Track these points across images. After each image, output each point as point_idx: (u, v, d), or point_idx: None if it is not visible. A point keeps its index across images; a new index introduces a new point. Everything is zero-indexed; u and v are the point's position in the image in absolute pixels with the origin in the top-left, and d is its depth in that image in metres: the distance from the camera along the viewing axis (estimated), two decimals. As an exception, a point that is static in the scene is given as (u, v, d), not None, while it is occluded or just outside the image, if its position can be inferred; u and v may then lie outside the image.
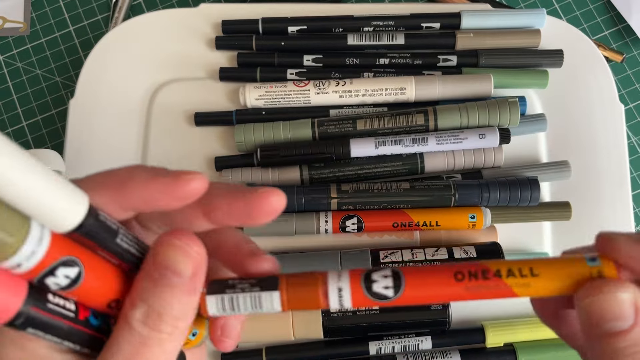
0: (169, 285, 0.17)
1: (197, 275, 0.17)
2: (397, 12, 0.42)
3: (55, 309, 0.17)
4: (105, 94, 0.42)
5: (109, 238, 0.17)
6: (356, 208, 0.37)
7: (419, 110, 0.39)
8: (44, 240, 0.15)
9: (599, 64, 0.41)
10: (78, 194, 0.16)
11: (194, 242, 0.17)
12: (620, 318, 0.17)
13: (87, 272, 0.17)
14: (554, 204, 0.39)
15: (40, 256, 0.15)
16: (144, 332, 0.17)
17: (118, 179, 0.18)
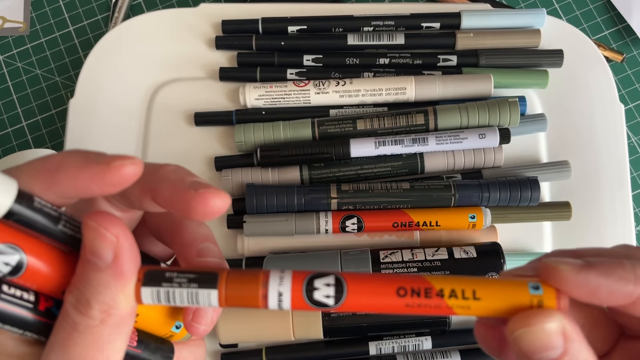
0: (94, 268, 0.17)
1: (120, 258, 0.17)
2: (397, 12, 0.42)
3: (10, 299, 0.17)
4: (105, 94, 0.42)
5: (49, 225, 0.17)
6: (356, 208, 0.37)
7: (419, 110, 0.39)
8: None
9: (599, 64, 0.41)
10: (6, 180, 0.16)
11: (111, 224, 0.17)
12: (549, 348, 0.17)
13: (33, 259, 0.17)
14: (554, 204, 0.39)
15: None
16: (75, 317, 0.17)
17: (50, 167, 0.17)
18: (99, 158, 0.17)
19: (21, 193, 0.16)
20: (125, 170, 0.17)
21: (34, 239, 0.17)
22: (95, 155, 0.17)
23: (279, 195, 0.37)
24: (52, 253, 0.18)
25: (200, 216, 0.17)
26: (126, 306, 0.17)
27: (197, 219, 0.18)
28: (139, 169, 0.17)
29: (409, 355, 0.36)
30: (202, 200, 0.17)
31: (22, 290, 0.17)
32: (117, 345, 0.17)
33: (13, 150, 0.44)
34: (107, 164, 0.17)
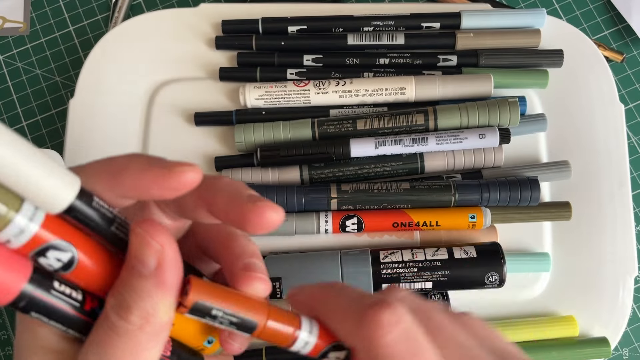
0: (137, 275, 0.17)
1: (163, 268, 0.17)
2: (397, 12, 0.42)
3: (59, 296, 0.17)
4: (105, 94, 0.42)
5: (103, 225, 0.17)
6: (356, 208, 0.37)
7: (419, 110, 0.39)
8: (35, 220, 0.16)
9: (599, 64, 0.41)
10: (70, 176, 0.16)
11: (158, 232, 0.17)
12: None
13: (84, 258, 0.17)
14: (554, 204, 0.39)
15: (29, 235, 0.16)
16: (115, 320, 0.17)
17: (114, 168, 0.18)
18: (162, 163, 0.18)
19: (82, 190, 0.17)
20: (186, 176, 0.17)
21: (87, 238, 0.17)
22: (157, 160, 0.18)
23: (279, 195, 0.37)
24: (102, 253, 0.18)
25: (256, 228, 0.18)
26: (165, 316, 0.17)
27: (252, 231, 0.18)
28: (199, 176, 0.18)
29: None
30: (259, 212, 0.18)
31: (72, 288, 0.18)
32: (153, 352, 0.18)
33: (13, 150, 0.44)
34: (169, 169, 0.17)
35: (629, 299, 0.38)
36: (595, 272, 0.39)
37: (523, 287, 0.39)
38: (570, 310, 0.39)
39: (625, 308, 0.38)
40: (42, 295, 0.17)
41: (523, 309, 0.39)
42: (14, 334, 0.41)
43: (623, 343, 0.40)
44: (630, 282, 0.39)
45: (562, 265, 0.39)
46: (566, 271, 0.39)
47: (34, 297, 0.16)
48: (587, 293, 0.39)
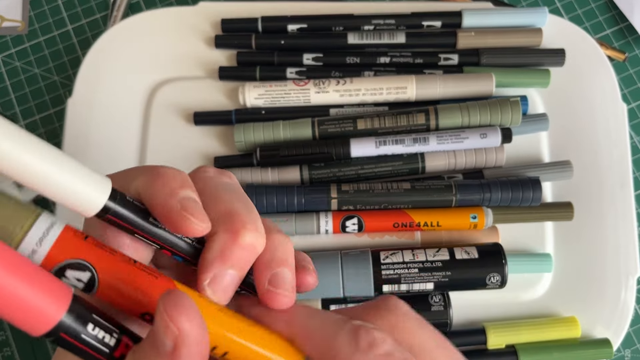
0: (154, 351, 0.16)
1: (179, 352, 0.16)
2: (398, 11, 0.41)
3: (90, 341, 0.16)
4: (103, 93, 0.41)
5: (140, 220, 0.17)
6: (356, 208, 0.37)
7: (420, 110, 0.38)
8: (48, 239, 0.15)
9: (601, 63, 0.41)
10: (99, 178, 0.16)
11: (178, 313, 0.16)
12: None
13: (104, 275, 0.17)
14: (556, 204, 0.39)
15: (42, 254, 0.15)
16: None
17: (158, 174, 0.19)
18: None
19: (114, 191, 0.17)
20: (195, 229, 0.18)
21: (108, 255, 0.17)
22: None
23: (279, 195, 0.37)
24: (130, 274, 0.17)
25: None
26: None
27: None
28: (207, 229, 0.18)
29: (410, 356, 0.36)
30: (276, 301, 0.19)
31: (105, 332, 0.17)
32: None
33: (11, 149, 0.44)
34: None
35: (632, 299, 0.38)
36: (598, 272, 0.39)
37: (525, 288, 0.39)
38: (572, 311, 0.38)
39: (628, 309, 0.38)
40: (71, 339, 0.16)
41: (525, 310, 0.39)
42: (12, 335, 0.41)
43: (625, 344, 0.40)
44: (633, 283, 0.38)
45: (564, 266, 0.39)
46: (568, 272, 0.39)
47: (62, 339, 0.16)
48: (589, 294, 0.39)
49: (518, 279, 0.38)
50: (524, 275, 0.38)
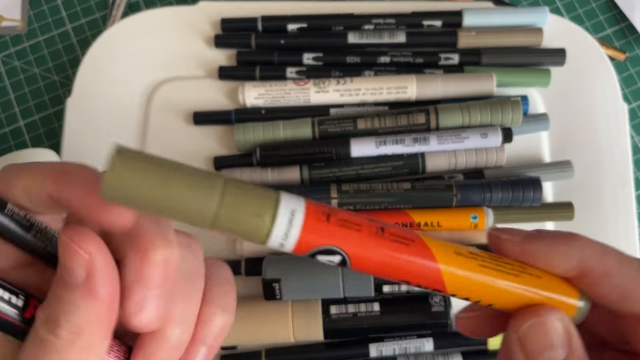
0: (65, 286, 0.16)
1: (93, 278, 0.16)
2: (399, 10, 0.41)
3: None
4: (103, 92, 0.41)
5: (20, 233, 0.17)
6: (357, 208, 0.37)
7: (420, 110, 0.38)
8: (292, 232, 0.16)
9: (602, 63, 0.41)
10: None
11: (85, 240, 0.16)
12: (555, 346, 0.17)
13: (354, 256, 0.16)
14: (556, 204, 0.39)
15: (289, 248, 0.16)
16: (44, 335, 0.16)
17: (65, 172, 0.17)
18: None
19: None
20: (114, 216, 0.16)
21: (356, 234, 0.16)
22: None
23: (279, 196, 0.37)
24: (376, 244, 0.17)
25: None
26: (97, 329, 0.16)
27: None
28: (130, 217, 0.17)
29: (410, 357, 0.36)
30: None
31: (11, 293, 0.17)
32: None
33: (10, 149, 0.44)
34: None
35: (632, 300, 0.38)
36: (598, 272, 0.39)
37: (525, 288, 0.39)
38: (573, 311, 0.38)
39: (629, 309, 0.38)
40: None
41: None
42: None
43: (626, 344, 0.40)
44: (634, 283, 0.38)
45: (565, 266, 0.39)
46: (569, 272, 0.39)
47: None
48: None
49: (518, 279, 0.38)
50: (524, 276, 0.38)
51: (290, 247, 0.16)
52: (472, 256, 0.17)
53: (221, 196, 0.15)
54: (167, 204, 0.15)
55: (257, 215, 0.15)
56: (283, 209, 0.15)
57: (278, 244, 0.15)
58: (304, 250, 0.16)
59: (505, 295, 0.17)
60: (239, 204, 0.16)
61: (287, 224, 0.15)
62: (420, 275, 0.17)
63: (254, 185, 0.16)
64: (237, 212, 0.15)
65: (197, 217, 0.15)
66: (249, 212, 0.15)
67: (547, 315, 0.17)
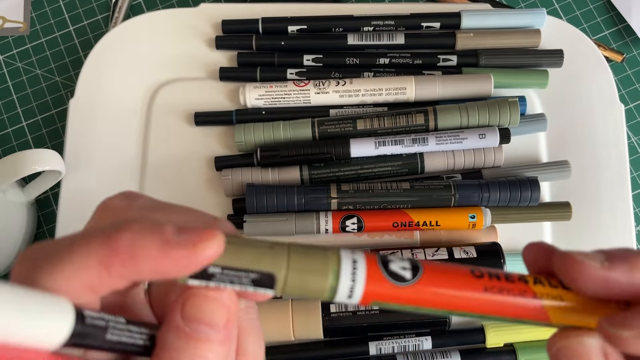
0: (203, 339, 0.16)
1: (231, 321, 0.16)
2: (397, 12, 0.42)
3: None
4: (105, 93, 0.42)
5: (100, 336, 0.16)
6: (356, 208, 0.37)
7: (419, 110, 0.39)
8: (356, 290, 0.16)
9: (599, 64, 0.41)
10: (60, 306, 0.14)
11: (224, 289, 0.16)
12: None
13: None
14: (554, 204, 0.39)
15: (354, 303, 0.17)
16: None
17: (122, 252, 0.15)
18: (179, 237, 0.15)
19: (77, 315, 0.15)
20: (210, 250, 0.16)
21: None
22: (172, 233, 0.16)
23: (279, 195, 0.37)
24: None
25: None
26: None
27: None
28: (222, 245, 0.16)
29: (409, 355, 0.36)
30: None
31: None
32: None
33: (13, 150, 0.44)
34: (193, 248, 0.15)
35: (629, 299, 0.38)
36: (595, 272, 0.39)
37: (523, 287, 0.39)
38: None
39: (625, 308, 0.38)
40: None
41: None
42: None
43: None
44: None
45: (562, 265, 0.39)
46: (566, 271, 0.39)
47: None
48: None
49: (516, 278, 0.38)
50: (522, 275, 0.39)
51: (356, 301, 0.16)
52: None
53: (287, 262, 0.16)
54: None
55: (322, 275, 0.16)
56: (345, 264, 0.16)
57: (345, 299, 0.16)
58: (368, 301, 0.16)
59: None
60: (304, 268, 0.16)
61: (349, 284, 0.16)
62: None
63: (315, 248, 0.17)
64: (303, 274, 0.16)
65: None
66: (313, 272, 0.16)
67: (578, 339, 0.16)
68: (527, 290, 0.17)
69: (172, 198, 0.40)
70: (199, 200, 0.40)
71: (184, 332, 0.16)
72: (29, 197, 0.41)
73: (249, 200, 0.37)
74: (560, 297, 0.17)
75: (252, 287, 0.16)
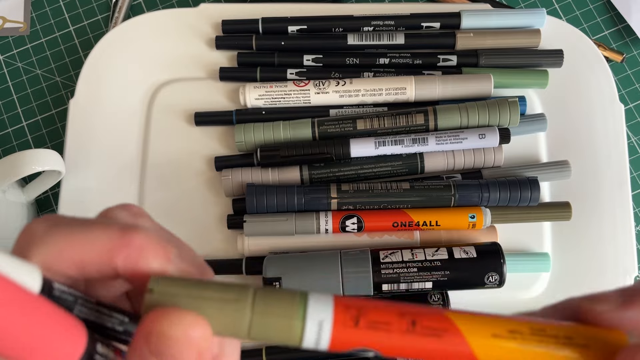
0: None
1: (204, 356, 0.16)
2: (397, 12, 0.42)
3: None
4: (105, 94, 0.42)
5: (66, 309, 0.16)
6: (356, 208, 0.37)
7: (419, 110, 0.39)
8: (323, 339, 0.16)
9: (599, 64, 0.41)
10: (29, 274, 0.15)
11: (196, 324, 0.15)
12: None
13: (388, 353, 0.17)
14: (554, 204, 0.39)
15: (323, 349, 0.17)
16: None
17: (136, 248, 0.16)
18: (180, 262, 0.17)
19: (44, 282, 0.15)
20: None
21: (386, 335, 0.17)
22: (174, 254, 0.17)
23: (279, 195, 0.37)
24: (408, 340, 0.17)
25: None
26: None
27: None
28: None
29: (409, 355, 0.36)
30: None
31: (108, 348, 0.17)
32: None
33: (13, 150, 0.44)
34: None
35: (629, 298, 0.38)
36: (595, 272, 0.39)
37: (523, 288, 0.39)
38: (570, 310, 0.39)
39: (625, 308, 0.38)
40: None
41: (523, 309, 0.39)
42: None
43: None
44: (630, 282, 0.39)
45: (562, 265, 0.39)
46: (566, 271, 0.39)
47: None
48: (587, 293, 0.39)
49: (516, 278, 0.38)
50: (522, 275, 0.39)
51: (324, 349, 0.16)
52: (511, 336, 0.17)
53: (252, 305, 0.16)
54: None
55: (288, 319, 0.16)
56: (310, 321, 0.16)
57: (313, 345, 0.16)
58: (339, 350, 0.16)
59: None
60: (269, 311, 0.16)
61: (317, 332, 0.16)
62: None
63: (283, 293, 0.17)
64: (269, 319, 0.16)
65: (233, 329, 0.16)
66: (279, 317, 0.16)
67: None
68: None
69: (172, 198, 0.40)
70: (199, 200, 0.40)
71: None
72: (29, 197, 0.41)
73: (249, 200, 0.37)
74: None
75: None
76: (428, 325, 0.17)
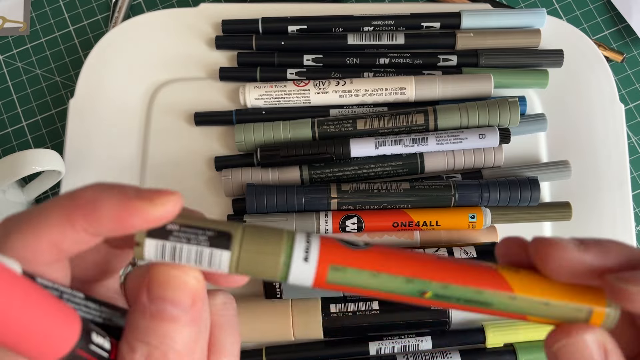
0: (168, 318, 0.16)
1: (198, 302, 0.16)
2: (397, 12, 0.42)
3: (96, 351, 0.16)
4: (105, 93, 0.42)
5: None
6: (356, 208, 0.37)
7: (419, 110, 0.39)
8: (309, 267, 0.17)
9: (599, 64, 0.41)
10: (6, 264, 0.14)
11: (188, 269, 0.16)
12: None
13: None
14: (554, 204, 0.39)
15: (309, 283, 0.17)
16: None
17: (85, 202, 0.16)
18: (139, 193, 0.16)
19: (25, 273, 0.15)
20: (168, 206, 0.16)
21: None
22: (131, 190, 0.16)
23: (279, 195, 0.37)
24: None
25: None
26: (201, 351, 0.17)
27: None
28: (179, 203, 0.16)
29: (409, 355, 0.36)
30: None
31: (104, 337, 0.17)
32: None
33: (13, 150, 0.44)
34: (150, 200, 0.16)
35: (629, 299, 0.38)
36: (595, 272, 0.39)
37: (523, 287, 0.39)
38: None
39: (625, 308, 0.38)
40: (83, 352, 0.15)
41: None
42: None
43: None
44: (630, 282, 0.39)
45: (562, 265, 0.39)
46: (566, 271, 0.39)
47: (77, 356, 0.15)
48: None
49: (516, 278, 0.38)
50: (522, 275, 0.39)
51: (309, 285, 0.17)
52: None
53: (242, 229, 0.17)
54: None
55: (278, 237, 0.16)
56: (296, 254, 0.16)
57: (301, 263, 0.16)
58: (325, 268, 0.17)
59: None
60: (256, 247, 0.17)
61: (301, 263, 0.16)
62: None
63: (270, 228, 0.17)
64: (256, 254, 0.17)
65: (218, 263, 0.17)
66: (266, 252, 0.16)
67: (578, 336, 0.17)
68: (485, 265, 0.17)
69: (172, 198, 0.40)
70: (199, 200, 0.40)
71: (149, 311, 0.16)
72: (29, 197, 0.41)
73: (249, 200, 0.37)
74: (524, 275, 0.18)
75: (208, 248, 0.16)
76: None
